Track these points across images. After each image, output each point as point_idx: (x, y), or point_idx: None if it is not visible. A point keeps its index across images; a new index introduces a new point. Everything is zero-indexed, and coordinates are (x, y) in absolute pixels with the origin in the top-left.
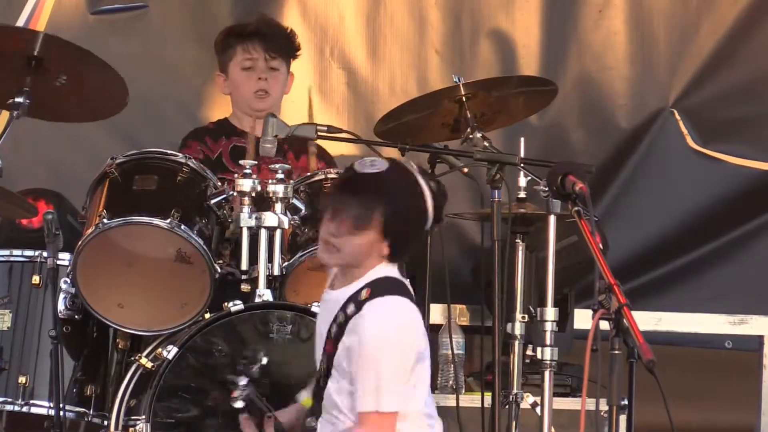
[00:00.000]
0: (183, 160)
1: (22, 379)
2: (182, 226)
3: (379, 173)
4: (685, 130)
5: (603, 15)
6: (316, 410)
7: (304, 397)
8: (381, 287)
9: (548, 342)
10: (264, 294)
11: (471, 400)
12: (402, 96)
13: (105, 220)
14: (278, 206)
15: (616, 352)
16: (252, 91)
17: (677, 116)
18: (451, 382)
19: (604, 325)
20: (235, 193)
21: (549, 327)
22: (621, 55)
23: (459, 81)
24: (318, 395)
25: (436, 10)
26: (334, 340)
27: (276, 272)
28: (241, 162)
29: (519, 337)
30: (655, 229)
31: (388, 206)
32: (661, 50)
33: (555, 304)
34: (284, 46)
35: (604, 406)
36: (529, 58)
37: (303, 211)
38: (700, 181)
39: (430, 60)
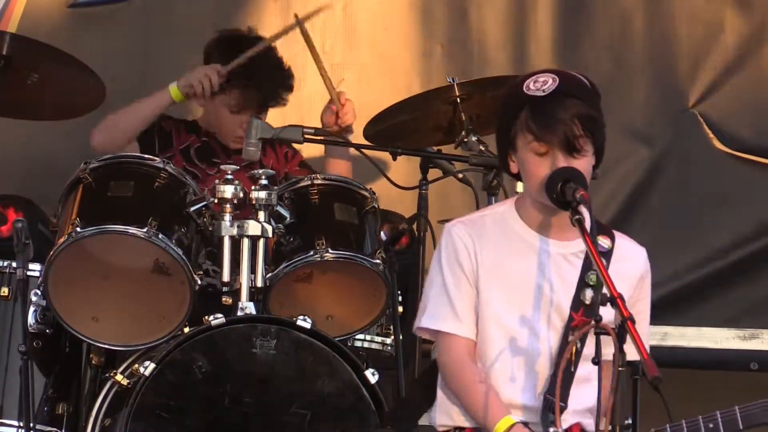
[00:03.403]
0: (161, 165)
1: None
2: (160, 235)
3: None
4: (708, 132)
5: (621, 9)
6: None
7: None
8: None
9: None
10: (247, 307)
11: None
12: (404, 94)
13: (78, 229)
14: (262, 214)
15: (620, 368)
16: (233, 135)
17: (699, 117)
18: None
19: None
20: (215, 200)
21: None
22: (640, 51)
23: (453, 81)
24: None
25: (441, 2)
26: None
27: (259, 284)
28: (223, 167)
29: None
30: (671, 240)
31: None
32: (682, 47)
33: None
34: (280, 96)
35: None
36: (541, 54)
37: (288, 219)
38: (725, 187)
39: (435, 55)
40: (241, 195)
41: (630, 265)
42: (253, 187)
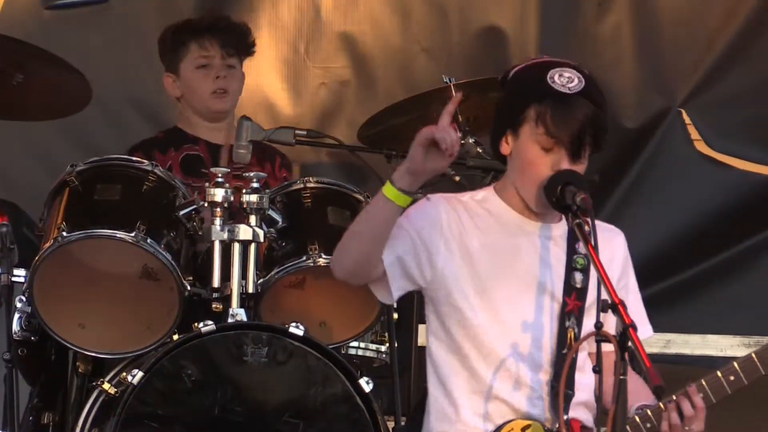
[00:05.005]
0: (149, 168)
1: None
2: (148, 240)
3: None
4: (694, 133)
5: (604, 7)
6: None
7: None
8: None
9: None
10: (237, 314)
11: None
12: (385, 98)
13: (64, 233)
14: (253, 218)
15: (622, 377)
16: (209, 91)
17: (685, 117)
18: None
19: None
20: (206, 204)
21: None
22: (624, 50)
23: (450, 82)
24: None
25: (421, 4)
26: None
27: (250, 290)
28: (214, 169)
29: None
30: (659, 240)
31: None
32: (667, 45)
33: None
34: (241, 42)
35: None
36: (524, 55)
37: (280, 223)
38: (710, 187)
39: (416, 58)
40: (232, 198)
41: (613, 248)
42: (244, 191)
